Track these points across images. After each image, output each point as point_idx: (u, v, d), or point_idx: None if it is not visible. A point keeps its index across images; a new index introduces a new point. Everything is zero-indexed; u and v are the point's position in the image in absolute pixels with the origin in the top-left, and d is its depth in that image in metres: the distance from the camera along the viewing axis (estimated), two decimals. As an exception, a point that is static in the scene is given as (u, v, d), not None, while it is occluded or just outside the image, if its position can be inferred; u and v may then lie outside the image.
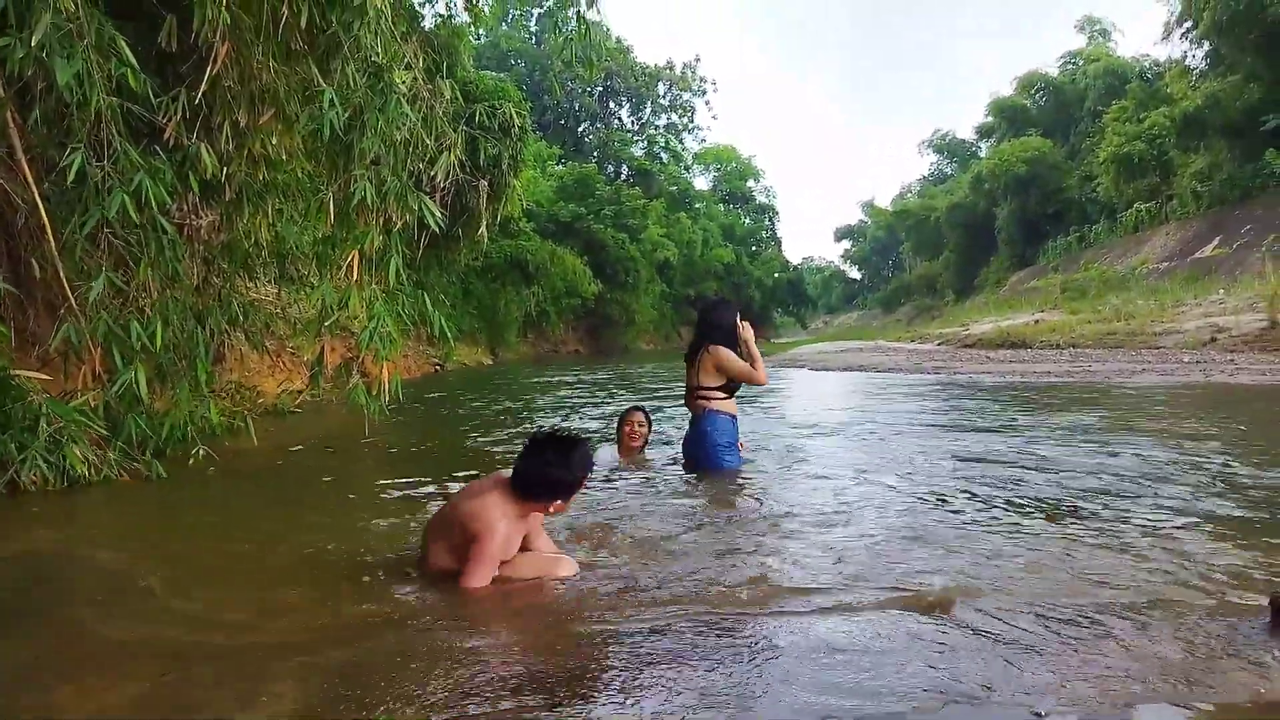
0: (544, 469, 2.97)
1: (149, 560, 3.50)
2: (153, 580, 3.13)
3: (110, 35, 4.37)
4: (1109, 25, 56.24)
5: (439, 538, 3.04)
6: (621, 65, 61.71)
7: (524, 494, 2.99)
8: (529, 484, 2.99)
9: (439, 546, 3.03)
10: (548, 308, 33.11)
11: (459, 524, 2.96)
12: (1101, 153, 38.81)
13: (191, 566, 3.44)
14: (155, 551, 3.73)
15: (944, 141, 72.59)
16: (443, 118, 5.71)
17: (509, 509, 2.98)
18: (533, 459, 2.99)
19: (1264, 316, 16.43)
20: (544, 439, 3.05)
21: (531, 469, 2.98)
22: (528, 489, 2.99)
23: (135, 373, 4.76)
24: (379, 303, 5.21)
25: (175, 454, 5.45)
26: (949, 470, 5.39)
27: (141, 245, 4.82)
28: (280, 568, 3.37)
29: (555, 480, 3.00)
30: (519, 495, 2.99)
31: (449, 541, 2.99)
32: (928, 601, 2.76)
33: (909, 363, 19.21)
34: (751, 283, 68.51)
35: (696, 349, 5.36)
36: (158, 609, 2.86)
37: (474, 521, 2.92)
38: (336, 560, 3.41)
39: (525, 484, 2.99)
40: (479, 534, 2.90)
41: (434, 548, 3.05)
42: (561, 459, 2.99)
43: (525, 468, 2.99)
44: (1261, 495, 4.37)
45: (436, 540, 3.05)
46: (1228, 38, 31.54)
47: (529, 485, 2.99)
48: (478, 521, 2.92)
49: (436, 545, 3.04)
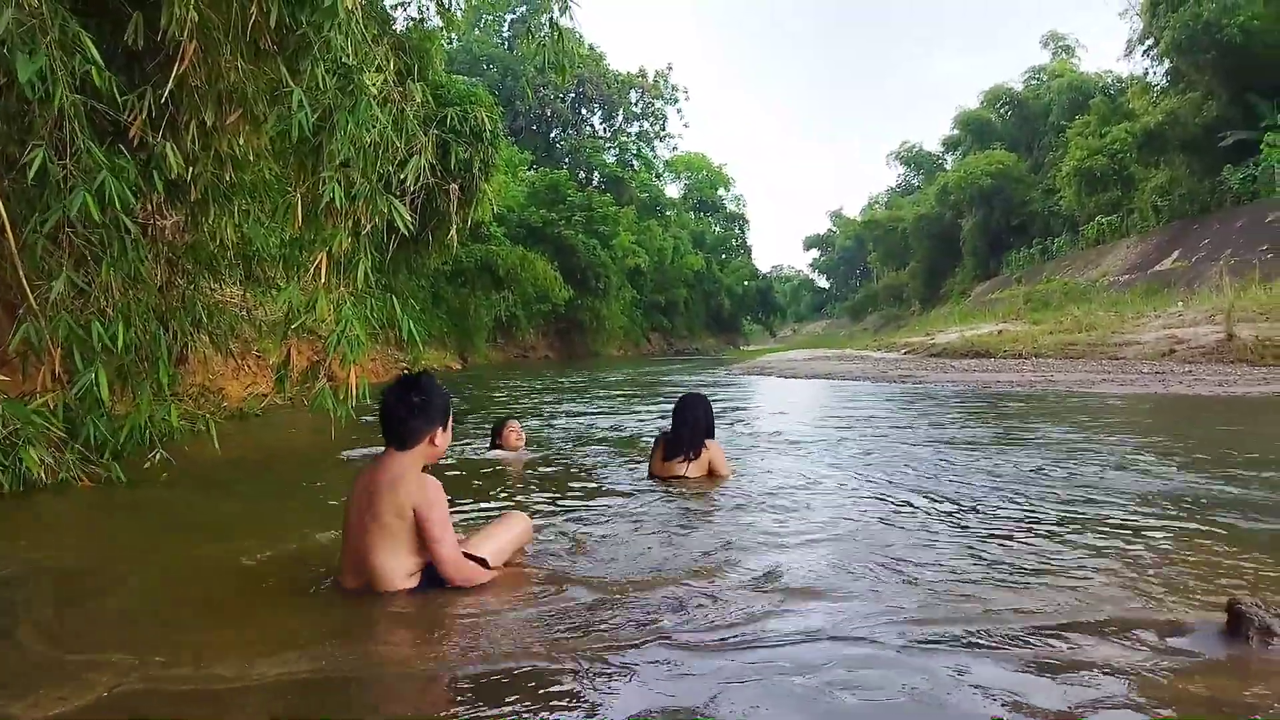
0: (411, 407, 2.90)
1: (101, 567, 3.45)
2: (105, 588, 3.07)
3: (75, 31, 4.30)
4: (1073, 42, 57.42)
5: (373, 548, 2.83)
6: (594, 72, 61.85)
7: (411, 441, 2.91)
8: (408, 429, 2.91)
9: (379, 555, 2.82)
10: (518, 313, 33.06)
11: (387, 518, 2.80)
12: (1064, 166, 39.53)
13: (145, 574, 3.38)
14: (108, 558, 3.67)
15: (911, 154, 73.46)
16: (413, 121, 5.67)
17: (416, 468, 2.90)
18: (397, 407, 2.91)
19: (1221, 329, 16.81)
20: (395, 388, 2.98)
21: (401, 414, 2.90)
22: (410, 434, 2.91)
23: (96, 374, 4.68)
24: (347, 306, 5.16)
25: (134, 457, 5.36)
26: (911, 481, 5.45)
27: (104, 245, 4.74)
28: (234, 576, 3.31)
29: (427, 406, 2.93)
30: (409, 447, 2.91)
31: (387, 542, 2.81)
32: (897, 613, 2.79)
33: (875, 371, 19.40)
34: (721, 290, 68.94)
35: (690, 442, 5.25)
36: (109, 618, 2.82)
37: (407, 500, 2.80)
38: (291, 570, 3.36)
39: (405, 431, 2.91)
40: (420, 506, 2.80)
41: (374, 560, 2.83)
42: (417, 389, 2.94)
43: (396, 418, 2.91)
44: (1219, 503, 4.47)
45: (371, 552, 2.83)
46: (1187, 56, 32.36)
47: (409, 430, 2.91)
48: (410, 497, 2.80)
49: (375, 556, 2.83)
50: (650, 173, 67.98)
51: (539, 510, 4.44)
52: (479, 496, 4.89)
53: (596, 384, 17.52)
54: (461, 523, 3.59)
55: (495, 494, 5.02)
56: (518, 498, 4.90)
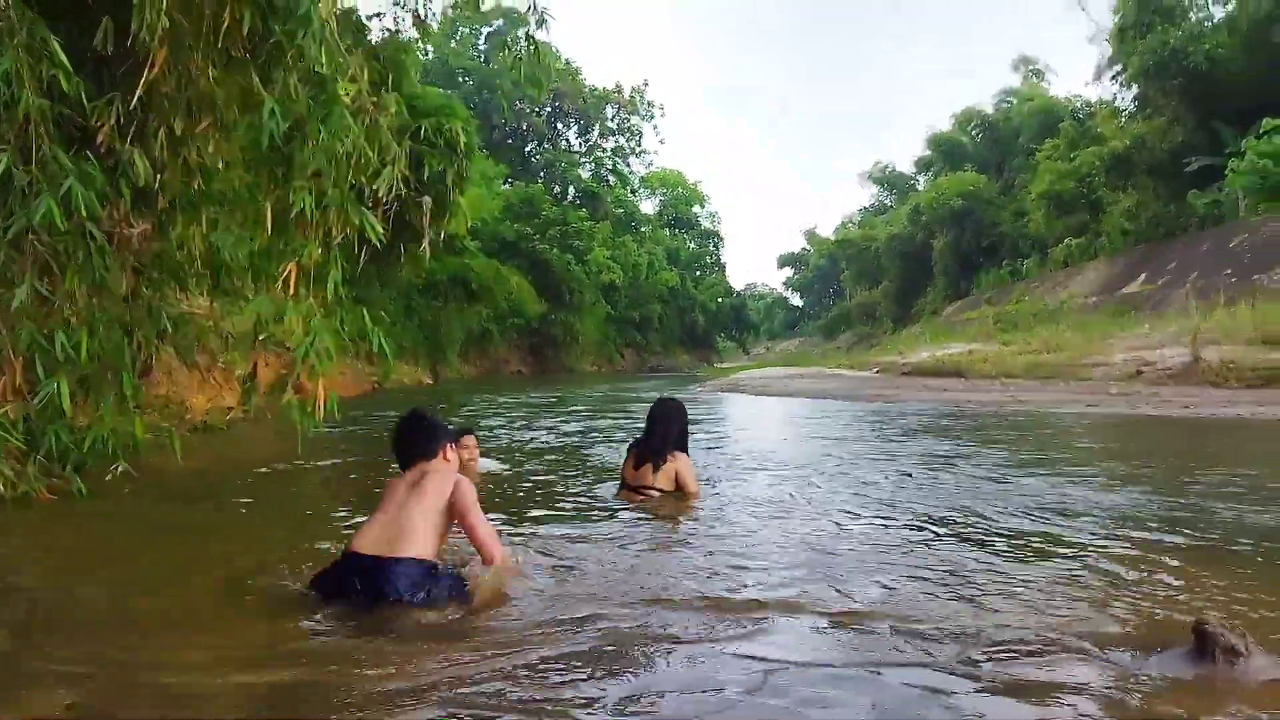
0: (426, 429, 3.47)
1: (60, 582, 3.36)
2: (63, 603, 2.99)
3: (42, 35, 4.24)
4: (1044, 66, 58.42)
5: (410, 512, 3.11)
6: (570, 87, 61.95)
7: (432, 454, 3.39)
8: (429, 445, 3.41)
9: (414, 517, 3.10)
10: (491, 327, 32.94)
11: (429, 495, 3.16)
12: (1034, 189, 40.09)
13: (104, 589, 3.31)
14: (68, 572, 3.58)
15: (884, 174, 74.16)
16: (387, 131, 5.63)
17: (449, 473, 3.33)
18: (414, 432, 3.45)
19: (1187, 351, 17.07)
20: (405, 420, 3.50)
21: (419, 436, 3.43)
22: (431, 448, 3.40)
23: (58, 384, 4.57)
24: (316, 317, 5.09)
25: (96, 470, 5.25)
26: (880, 501, 5.46)
27: (69, 253, 4.64)
28: (193, 592, 3.25)
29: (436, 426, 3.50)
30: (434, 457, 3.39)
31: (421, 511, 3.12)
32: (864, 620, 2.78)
33: (848, 389, 19.51)
34: (696, 307, 69.09)
35: (658, 450, 5.20)
36: (66, 633, 2.74)
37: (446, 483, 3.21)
38: (251, 583, 3.30)
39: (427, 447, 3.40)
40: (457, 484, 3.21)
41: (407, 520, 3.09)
42: (423, 416, 3.52)
43: (418, 438, 3.43)
44: (1186, 524, 4.52)
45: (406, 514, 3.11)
46: (1155, 82, 33.04)
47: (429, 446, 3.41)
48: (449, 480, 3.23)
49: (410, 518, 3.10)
50: (626, 188, 68.14)
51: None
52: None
53: (565, 404, 17.45)
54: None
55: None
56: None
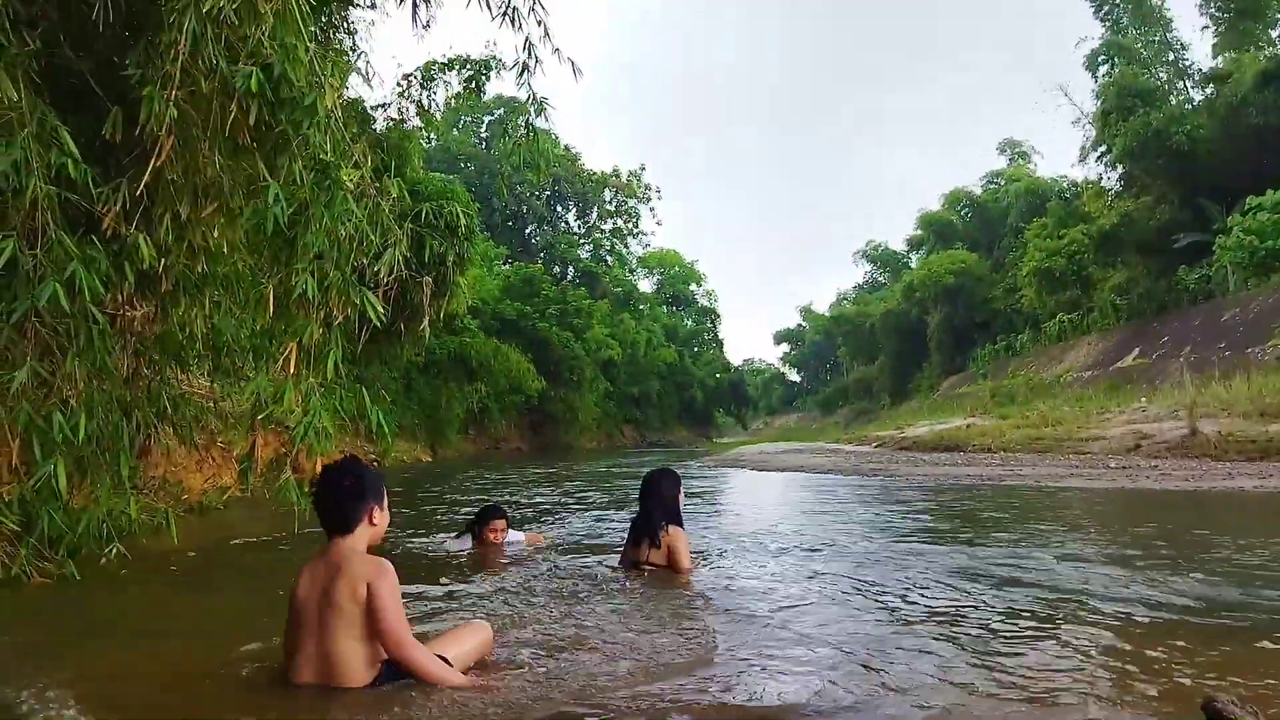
0: (346, 490, 2.92)
1: (49, 666, 3.30)
2: (47, 692, 2.93)
3: (53, 125, 4.37)
4: (1029, 148, 59.98)
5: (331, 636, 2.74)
6: (569, 171, 63.40)
7: (353, 522, 2.91)
8: (348, 510, 2.91)
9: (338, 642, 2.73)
10: (490, 404, 32.91)
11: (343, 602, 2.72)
12: (1024, 266, 40.64)
13: (94, 674, 3.26)
14: (56, 656, 3.51)
15: (877, 251, 75.31)
16: (388, 215, 5.75)
17: (362, 550, 2.90)
18: (332, 492, 2.93)
19: (1184, 424, 17.07)
20: (325, 474, 3.00)
21: (338, 497, 2.92)
22: (350, 515, 2.91)
23: (55, 466, 4.56)
24: (315, 396, 5.11)
25: (91, 552, 5.19)
26: (875, 580, 5.39)
27: (70, 335, 4.68)
28: (182, 679, 3.17)
29: (361, 485, 2.95)
30: (352, 530, 2.91)
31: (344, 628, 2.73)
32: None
33: (848, 464, 19.41)
34: (694, 383, 69.22)
35: (652, 525, 5.21)
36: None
37: (361, 576, 2.75)
38: (249, 667, 3.24)
39: (345, 514, 2.91)
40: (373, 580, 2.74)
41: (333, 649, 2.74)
42: (347, 471, 2.97)
43: (334, 502, 2.92)
44: (1191, 599, 4.47)
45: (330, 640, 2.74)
46: (1139, 162, 33.84)
47: (348, 512, 2.91)
48: (364, 573, 2.76)
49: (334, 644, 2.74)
50: (624, 268, 69.08)
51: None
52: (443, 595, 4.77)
53: (569, 481, 17.33)
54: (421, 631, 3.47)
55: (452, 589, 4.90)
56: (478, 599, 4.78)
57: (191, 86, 4.52)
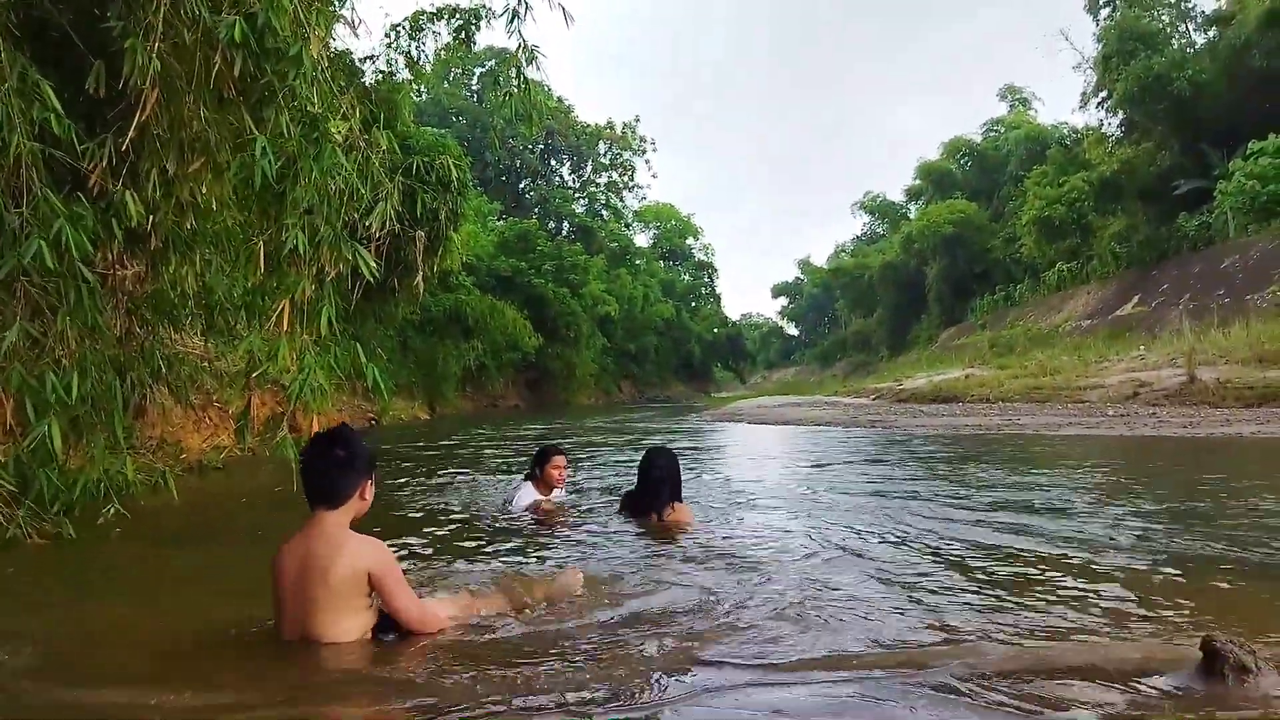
0: (337, 462, 2.77)
1: (45, 626, 3.31)
2: (41, 652, 2.94)
3: (34, 79, 4.26)
4: (1029, 94, 59.22)
5: (325, 615, 2.67)
6: (563, 124, 62.60)
7: (342, 498, 2.76)
8: (338, 485, 2.76)
9: (332, 623, 2.67)
10: (487, 361, 32.87)
11: (338, 584, 2.65)
12: (1024, 215, 40.44)
13: (92, 632, 3.27)
14: (53, 617, 3.53)
15: (875, 203, 74.77)
16: (379, 168, 5.65)
17: (347, 526, 2.78)
18: (322, 464, 2.77)
19: (1183, 371, 17.11)
20: (315, 444, 2.85)
21: (328, 471, 2.76)
22: (340, 490, 2.76)
23: (49, 427, 4.53)
24: (310, 353, 5.07)
25: (88, 513, 5.19)
26: (881, 528, 5.42)
27: (60, 294, 4.62)
28: (178, 639, 3.15)
29: (353, 459, 2.79)
30: (340, 505, 2.76)
31: (341, 609, 2.67)
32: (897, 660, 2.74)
33: (846, 417, 19.48)
34: (692, 338, 69.24)
35: (655, 499, 5.23)
36: (55, 676, 2.70)
37: (361, 563, 2.66)
38: (247, 624, 3.24)
39: (335, 488, 2.75)
40: (374, 568, 2.67)
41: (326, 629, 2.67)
42: (340, 442, 2.81)
43: (323, 475, 2.76)
44: (1189, 542, 4.49)
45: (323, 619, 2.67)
46: (1140, 108, 33.51)
47: (339, 487, 2.76)
48: (363, 560, 2.66)
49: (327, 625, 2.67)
50: (619, 222, 68.57)
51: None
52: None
53: (572, 434, 17.39)
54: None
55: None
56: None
57: (174, 38, 4.42)
